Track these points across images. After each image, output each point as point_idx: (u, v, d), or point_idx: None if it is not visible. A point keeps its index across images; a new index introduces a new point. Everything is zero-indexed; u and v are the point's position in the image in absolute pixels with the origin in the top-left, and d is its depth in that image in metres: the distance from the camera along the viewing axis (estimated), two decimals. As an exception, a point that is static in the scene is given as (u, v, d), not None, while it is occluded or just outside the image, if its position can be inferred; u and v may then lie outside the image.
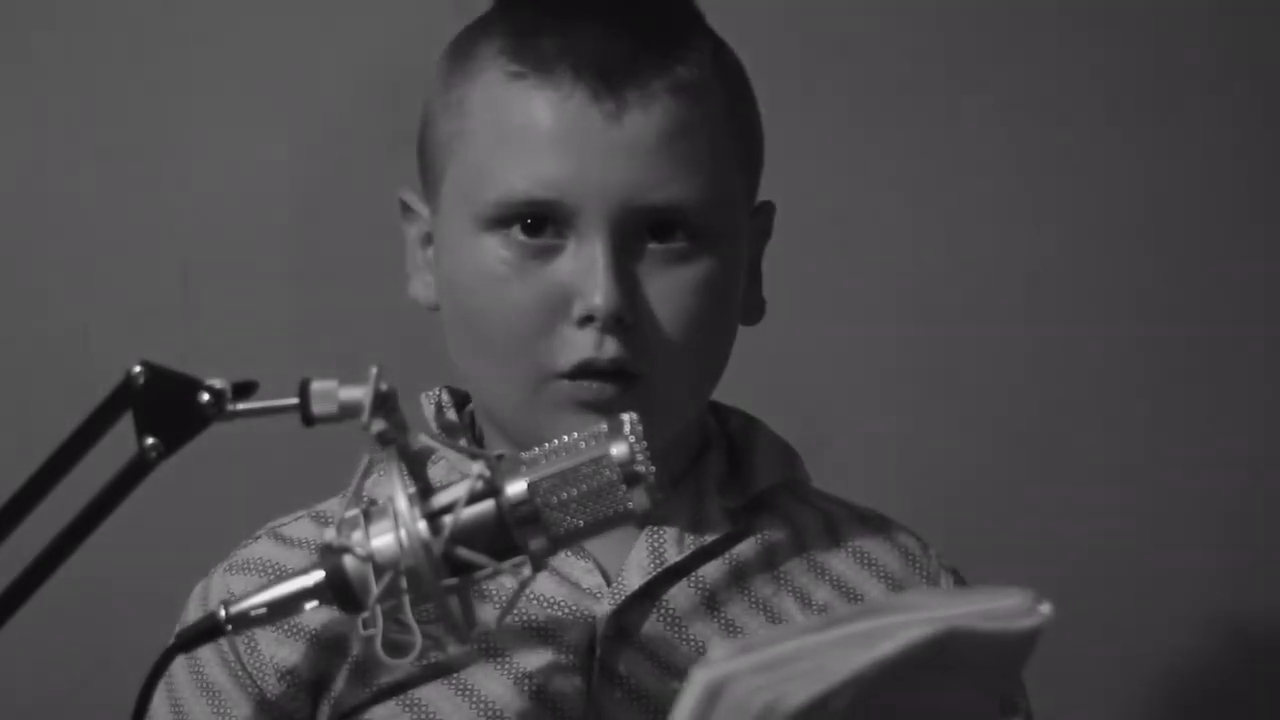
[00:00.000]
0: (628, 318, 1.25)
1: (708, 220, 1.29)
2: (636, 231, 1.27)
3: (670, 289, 1.27)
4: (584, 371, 1.26)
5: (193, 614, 1.31)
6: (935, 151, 2.00)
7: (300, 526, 1.34)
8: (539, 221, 1.26)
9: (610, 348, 1.25)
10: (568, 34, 1.27)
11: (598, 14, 1.29)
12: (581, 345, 1.26)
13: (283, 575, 1.12)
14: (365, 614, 1.10)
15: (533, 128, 1.26)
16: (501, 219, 1.27)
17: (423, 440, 1.14)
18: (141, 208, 1.93)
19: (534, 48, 1.27)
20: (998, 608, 0.98)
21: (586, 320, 1.25)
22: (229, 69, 1.94)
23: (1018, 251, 2.02)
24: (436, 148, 1.32)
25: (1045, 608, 0.98)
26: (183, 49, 1.94)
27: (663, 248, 1.27)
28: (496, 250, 1.27)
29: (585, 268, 1.25)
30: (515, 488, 1.10)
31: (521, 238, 1.27)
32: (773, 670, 0.94)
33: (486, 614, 1.23)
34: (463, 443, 1.33)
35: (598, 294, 1.24)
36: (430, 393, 1.37)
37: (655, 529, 1.31)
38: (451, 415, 1.36)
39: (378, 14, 1.95)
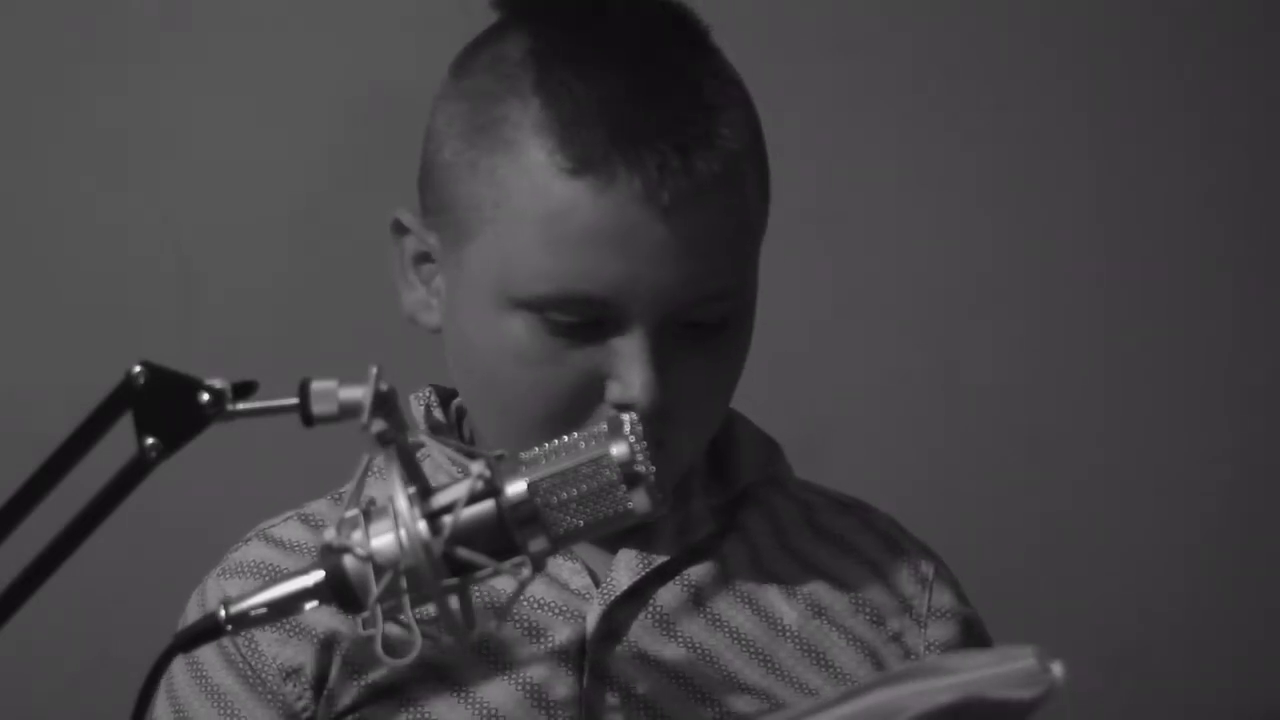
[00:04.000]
0: (663, 406, 1.25)
1: (744, 297, 1.29)
2: (677, 316, 1.26)
3: (702, 367, 1.27)
4: None
5: (192, 621, 1.31)
6: (936, 151, 2.00)
7: (289, 528, 1.34)
8: (583, 312, 1.25)
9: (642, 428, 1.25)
10: (615, 119, 1.23)
11: (641, 90, 1.25)
12: None
13: (279, 576, 1.12)
14: (365, 614, 1.10)
15: (586, 226, 1.23)
16: (541, 307, 1.25)
17: (423, 439, 1.14)
18: (141, 208, 1.93)
19: (583, 136, 1.23)
20: (1010, 673, 0.98)
21: (623, 406, 1.24)
22: (229, 70, 1.94)
23: (1018, 251, 2.02)
24: (460, 201, 1.28)
25: (1057, 669, 0.98)
26: (183, 50, 1.94)
27: (699, 329, 1.27)
28: (531, 328, 1.26)
29: (627, 357, 1.24)
30: (515, 488, 1.10)
31: (560, 321, 1.25)
32: None
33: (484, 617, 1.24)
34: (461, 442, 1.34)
35: (637, 386, 1.24)
36: (419, 394, 1.37)
37: (642, 529, 1.31)
38: (439, 415, 1.36)
39: (377, 17, 1.95)
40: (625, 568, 1.30)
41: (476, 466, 1.10)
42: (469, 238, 1.28)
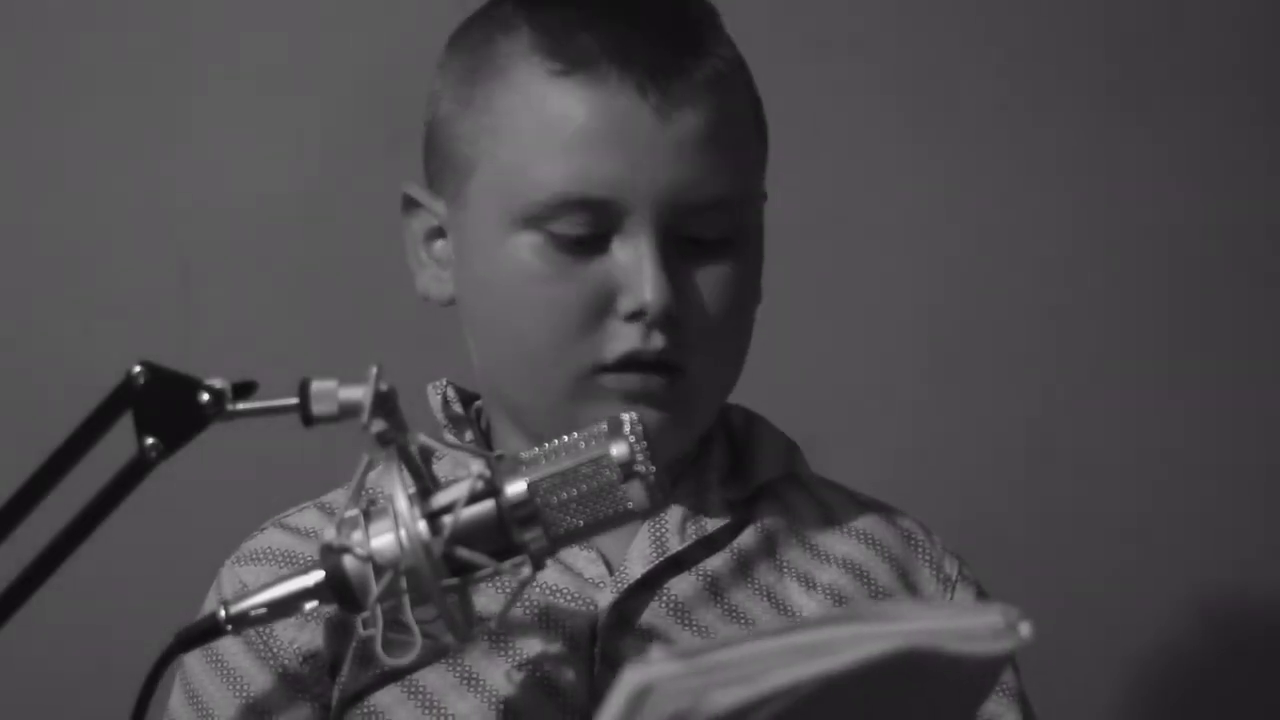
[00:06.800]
0: (675, 313, 1.26)
1: (744, 215, 1.31)
2: (679, 226, 1.27)
3: (711, 283, 1.29)
4: (630, 363, 1.27)
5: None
6: (937, 151, 2.00)
7: (307, 516, 1.34)
8: (585, 219, 1.26)
9: (657, 340, 1.27)
10: (602, 29, 1.27)
11: (626, 8, 1.29)
12: (628, 337, 1.26)
13: (292, 564, 1.13)
14: (365, 614, 1.10)
15: (581, 127, 1.26)
16: (544, 217, 1.27)
17: (422, 440, 1.14)
18: (141, 208, 1.93)
19: (571, 44, 1.27)
20: (973, 626, 0.94)
21: (635, 315, 1.26)
22: (229, 68, 1.94)
23: (1018, 251, 2.02)
24: (458, 143, 1.31)
25: (1025, 629, 0.95)
26: (182, 48, 1.94)
27: (703, 243, 1.28)
28: (536, 247, 1.27)
29: (633, 264, 1.26)
30: (515, 488, 1.10)
31: (565, 234, 1.27)
32: (707, 675, 0.89)
33: (491, 602, 1.23)
34: (468, 437, 1.34)
35: (647, 289, 1.25)
36: (436, 384, 1.37)
37: (658, 519, 1.31)
38: (458, 408, 1.36)
39: (377, 12, 1.95)
40: (639, 557, 1.30)
41: (476, 466, 1.11)
42: (469, 175, 1.30)
